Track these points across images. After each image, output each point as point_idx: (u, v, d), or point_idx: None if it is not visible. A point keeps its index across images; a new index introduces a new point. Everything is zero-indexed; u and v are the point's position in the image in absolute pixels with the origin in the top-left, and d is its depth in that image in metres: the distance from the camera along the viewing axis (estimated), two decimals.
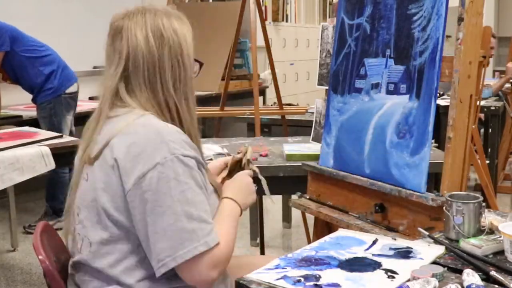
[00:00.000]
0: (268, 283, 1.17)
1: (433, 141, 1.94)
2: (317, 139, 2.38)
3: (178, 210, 1.24)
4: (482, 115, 4.67)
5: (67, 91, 3.87)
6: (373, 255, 1.31)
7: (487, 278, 1.17)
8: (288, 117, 3.73)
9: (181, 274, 1.27)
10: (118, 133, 1.31)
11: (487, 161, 4.00)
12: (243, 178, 1.54)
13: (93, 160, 1.34)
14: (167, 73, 1.36)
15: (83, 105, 4.47)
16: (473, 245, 1.31)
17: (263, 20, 3.55)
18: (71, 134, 3.77)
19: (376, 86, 1.81)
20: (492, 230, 1.41)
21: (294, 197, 2.13)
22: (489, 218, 1.44)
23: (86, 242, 1.35)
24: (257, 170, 1.63)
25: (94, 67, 5.34)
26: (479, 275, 1.15)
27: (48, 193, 3.93)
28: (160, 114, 1.36)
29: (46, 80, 3.78)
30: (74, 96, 3.95)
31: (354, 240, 1.41)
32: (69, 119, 3.88)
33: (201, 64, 1.48)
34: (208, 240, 1.26)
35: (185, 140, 1.32)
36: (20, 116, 3.92)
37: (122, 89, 1.37)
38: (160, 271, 1.25)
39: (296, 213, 3.90)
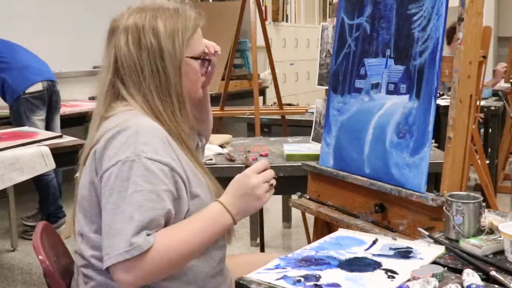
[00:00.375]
0: (268, 283, 1.16)
1: (433, 141, 1.94)
2: (317, 139, 2.38)
3: (126, 210, 1.21)
4: (481, 115, 4.66)
5: (27, 91, 3.68)
6: (373, 255, 1.31)
7: (487, 278, 1.17)
8: (288, 117, 3.73)
9: (112, 274, 1.22)
10: (108, 131, 1.29)
11: (487, 161, 4.00)
12: (249, 180, 1.34)
13: (86, 160, 1.35)
14: (147, 80, 1.34)
15: (83, 105, 4.48)
16: (473, 245, 1.31)
17: (263, 20, 3.55)
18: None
19: (376, 86, 1.81)
20: (492, 230, 1.41)
21: (294, 197, 2.13)
22: (489, 218, 1.44)
23: (78, 235, 1.36)
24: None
25: (94, 67, 5.33)
26: (479, 275, 1.15)
27: (39, 200, 3.92)
28: (154, 118, 1.34)
29: (3, 85, 3.71)
30: (38, 96, 3.73)
31: (354, 240, 1.41)
32: (37, 119, 3.69)
33: (208, 61, 1.43)
34: (142, 245, 1.19)
35: (163, 146, 1.28)
36: None
37: (122, 91, 1.36)
38: (104, 265, 1.21)
39: (296, 213, 3.90)
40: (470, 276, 1.14)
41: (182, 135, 1.37)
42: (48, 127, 3.79)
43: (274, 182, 1.38)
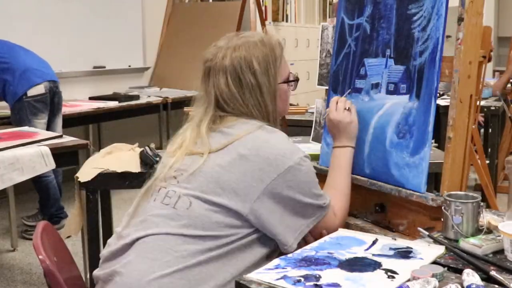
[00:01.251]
0: (268, 283, 1.17)
1: (433, 141, 1.94)
2: (317, 139, 2.38)
3: (313, 192, 1.50)
4: (482, 116, 4.65)
5: (29, 94, 3.65)
6: (373, 255, 1.31)
7: (487, 278, 1.17)
8: (288, 117, 3.73)
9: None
10: (246, 134, 1.47)
11: (487, 161, 4.00)
12: (329, 119, 1.74)
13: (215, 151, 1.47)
14: (249, 109, 1.52)
15: (83, 105, 4.47)
16: (473, 244, 1.31)
17: (263, 20, 3.55)
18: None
19: (376, 86, 1.81)
20: (489, 230, 1.42)
21: None
22: (486, 217, 1.44)
23: (185, 199, 1.42)
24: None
25: (94, 67, 5.35)
26: (479, 274, 1.15)
27: (40, 201, 3.91)
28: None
29: (4, 86, 3.69)
30: (40, 99, 3.70)
31: (354, 240, 1.41)
32: (38, 123, 3.65)
33: (296, 80, 1.68)
34: (326, 204, 1.55)
35: None
36: None
37: (221, 114, 1.54)
38: (297, 240, 1.47)
39: None
40: (470, 276, 1.14)
41: None
42: (50, 128, 3.77)
43: (348, 103, 1.74)
